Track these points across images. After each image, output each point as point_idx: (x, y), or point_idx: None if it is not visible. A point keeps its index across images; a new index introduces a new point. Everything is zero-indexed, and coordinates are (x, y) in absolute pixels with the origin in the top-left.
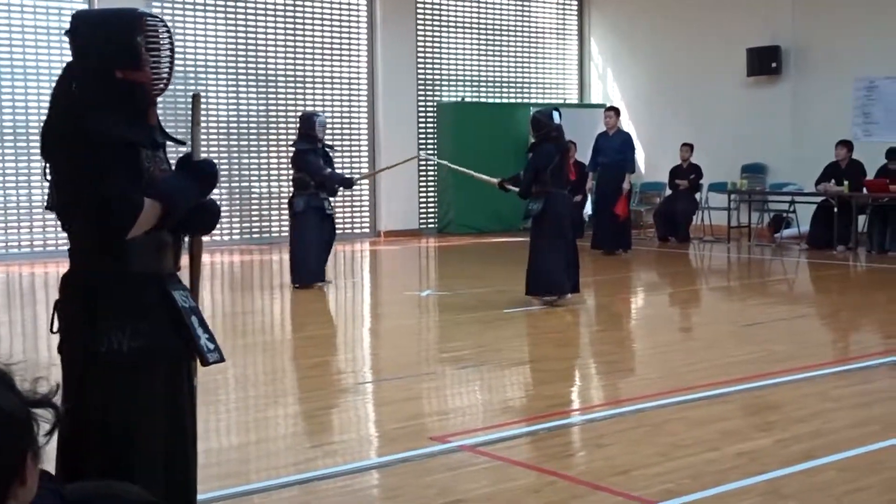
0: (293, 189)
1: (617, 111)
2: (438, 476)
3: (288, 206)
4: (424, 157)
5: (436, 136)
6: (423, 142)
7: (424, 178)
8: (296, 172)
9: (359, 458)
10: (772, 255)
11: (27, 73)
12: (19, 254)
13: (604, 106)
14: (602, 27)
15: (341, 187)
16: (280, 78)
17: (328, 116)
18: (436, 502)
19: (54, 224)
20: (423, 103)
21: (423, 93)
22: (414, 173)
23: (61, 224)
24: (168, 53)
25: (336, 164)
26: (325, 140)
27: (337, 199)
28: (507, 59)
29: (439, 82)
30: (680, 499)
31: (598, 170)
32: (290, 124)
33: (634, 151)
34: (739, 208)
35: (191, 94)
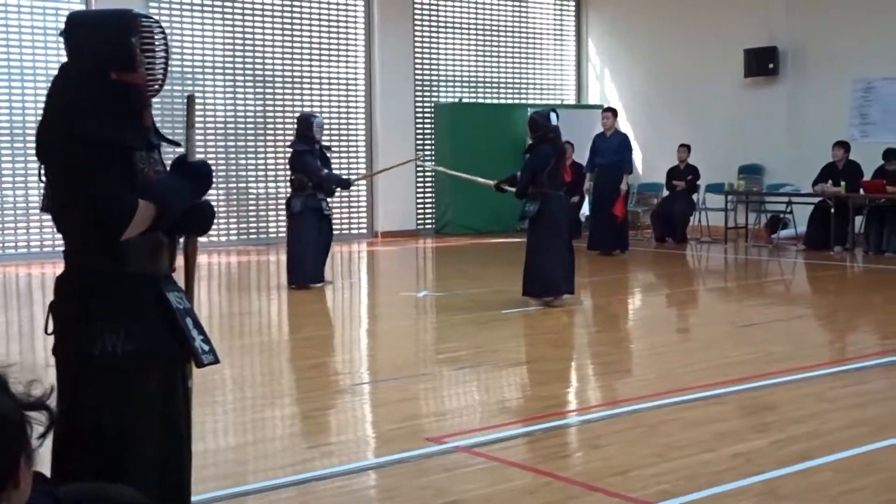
0: (291, 190)
1: (614, 112)
2: (435, 477)
3: (285, 206)
4: (421, 163)
5: (433, 136)
6: (421, 143)
7: (422, 178)
8: (293, 173)
9: (355, 459)
10: (769, 255)
11: (24, 73)
12: (16, 254)
13: (601, 107)
14: (599, 28)
15: (339, 188)
16: (277, 79)
17: (325, 117)
18: (432, 503)
19: (51, 225)
20: (421, 104)
21: (420, 94)
22: (411, 174)
23: (56, 225)
24: (163, 55)
25: (333, 165)
26: (323, 141)
27: (334, 200)
28: (504, 59)
29: (436, 83)
30: (676, 500)
31: (595, 171)
32: (287, 125)
33: (632, 152)
34: (736, 209)
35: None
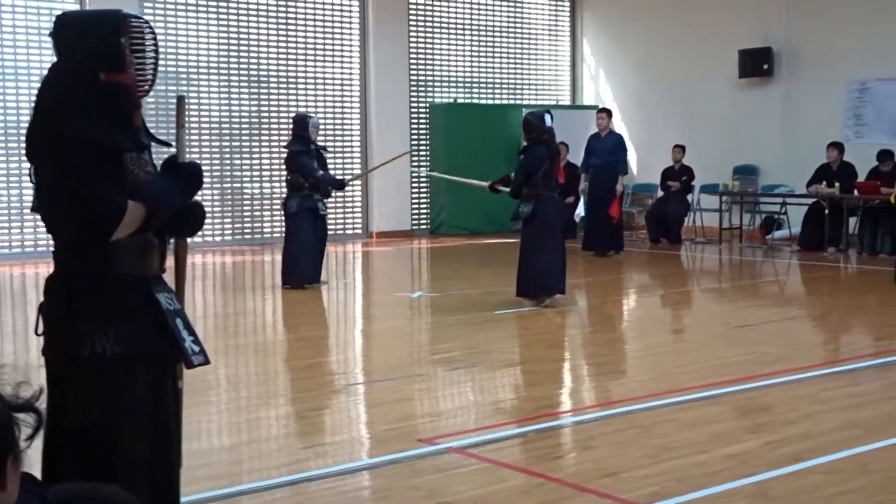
0: (287, 190)
1: (609, 112)
2: (427, 478)
3: (282, 207)
4: (416, 164)
5: (428, 137)
6: (416, 143)
7: (417, 179)
8: (289, 174)
9: (349, 460)
10: (763, 256)
11: (18, 73)
12: (9, 254)
13: (596, 107)
14: (594, 28)
15: (334, 189)
16: (272, 79)
17: (320, 118)
18: None
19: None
20: (416, 104)
21: (415, 94)
22: (406, 174)
23: (45, 226)
24: (153, 55)
25: (329, 166)
26: (318, 141)
27: (329, 200)
28: (499, 60)
29: (431, 83)
30: (666, 501)
31: (590, 171)
32: (281, 125)
33: (626, 153)
34: (731, 210)
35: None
